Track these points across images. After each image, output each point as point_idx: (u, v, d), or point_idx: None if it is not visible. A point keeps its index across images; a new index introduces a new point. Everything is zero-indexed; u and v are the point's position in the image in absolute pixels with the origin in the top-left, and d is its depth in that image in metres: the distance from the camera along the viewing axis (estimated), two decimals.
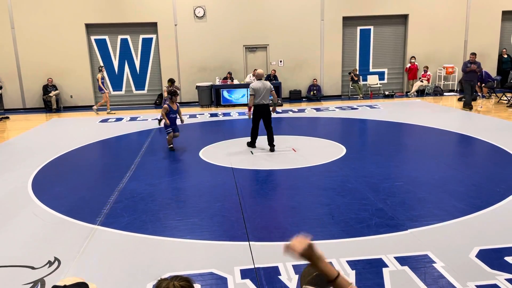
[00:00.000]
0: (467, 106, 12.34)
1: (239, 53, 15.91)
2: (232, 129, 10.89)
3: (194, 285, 1.82)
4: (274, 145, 8.21)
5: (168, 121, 8.57)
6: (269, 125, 8.20)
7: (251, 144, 8.50)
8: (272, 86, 8.21)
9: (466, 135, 9.01)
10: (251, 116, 8.25)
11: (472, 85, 12.52)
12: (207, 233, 4.60)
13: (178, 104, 8.92)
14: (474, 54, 12.69)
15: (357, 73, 16.26)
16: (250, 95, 8.07)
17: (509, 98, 13.39)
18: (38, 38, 14.95)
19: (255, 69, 15.37)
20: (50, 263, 4.01)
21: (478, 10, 16.06)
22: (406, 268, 3.71)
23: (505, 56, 16.52)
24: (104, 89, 14.02)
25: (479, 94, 14.78)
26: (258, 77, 8.21)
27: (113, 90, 16.07)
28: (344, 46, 16.32)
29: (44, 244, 4.46)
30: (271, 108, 8.27)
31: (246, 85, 14.83)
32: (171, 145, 8.58)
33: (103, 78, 14.18)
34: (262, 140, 8.64)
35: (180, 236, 4.53)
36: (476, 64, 12.37)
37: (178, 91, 9.30)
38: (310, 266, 1.80)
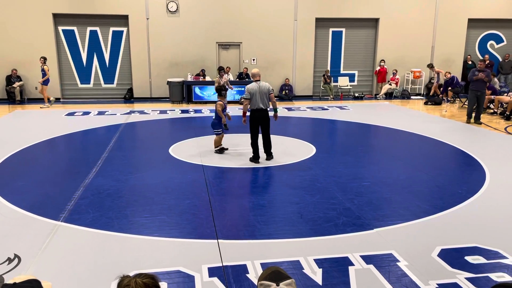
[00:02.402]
0: (469, 119, 11.11)
1: (211, 50, 15.81)
2: (203, 126, 10.78)
3: (160, 283, 1.76)
4: (271, 154, 7.40)
5: (225, 119, 7.78)
6: (267, 132, 7.28)
7: (255, 159, 7.27)
8: (271, 89, 7.15)
9: (431, 137, 9.29)
10: (245, 122, 7.33)
11: (478, 95, 10.94)
12: (176, 230, 4.55)
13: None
14: (482, 61, 11.36)
15: (329, 74, 16.49)
16: (244, 98, 7.15)
17: None
18: (2, 26, 14.34)
19: (227, 67, 15.47)
20: (9, 260, 3.86)
21: (446, 17, 16.59)
22: (371, 266, 3.79)
23: (470, 62, 17.14)
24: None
25: (444, 98, 15.28)
26: (254, 78, 7.16)
27: (81, 83, 15.64)
28: (316, 47, 16.50)
29: (3, 241, 4.28)
30: (272, 115, 7.30)
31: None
32: (219, 147, 7.82)
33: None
34: (237, 138, 8.62)
35: (148, 234, 4.46)
36: (485, 72, 10.90)
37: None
38: (268, 268, 1.83)
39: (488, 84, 12.16)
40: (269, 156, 7.40)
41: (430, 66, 16.19)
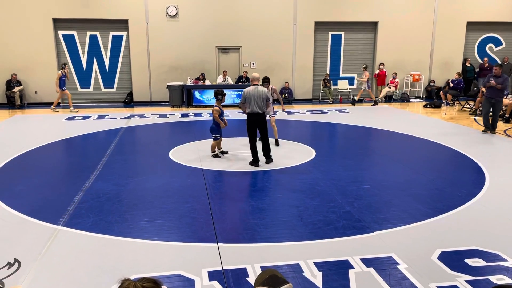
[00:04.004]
0: (487, 128, 10.20)
1: (211, 54, 15.84)
2: (203, 130, 10.79)
3: (162, 287, 1.74)
4: (271, 157, 7.42)
5: (223, 124, 7.68)
6: (265, 136, 7.29)
7: (254, 162, 7.28)
8: (268, 96, 7.15)
9: (430, 140, 9.30)
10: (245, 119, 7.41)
11: (493, 103, 9.95)
12: (175, 234, 4.55)
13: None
14: (499, 65, 10.11)
15: (329, 78, 16.52)
16: (241, 103, 7.27)
17: (471, 106, 13.93)
18: (2, 31, 14.38)
19: (224, 71, 15.50)
20: (9, 265, 3.86)
21: (444, 20, 16.65)
22: (371, 269, 3.79)
23: (469, 65, 17.19)
24: (64, 86, 13.58)
25: (443, 101, 15.30)
26: (253, 82, 7.21)
27: (81, 87, 15.67)
28: (315, 50, 16.54)
29: (3, 245, 4.28)
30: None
31: (218, 86, 14.79)
32: (215, 152, 7.80)
33: (64, 75, 13.61)
34: (236, 142, 8.63)
35: (147, 238, 4.46)
36: (500, 79, 9.80)
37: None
38: (264, 272, 1.81)
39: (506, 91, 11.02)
40: (268, 159, 7.42)
41: (365, 67, 15.64)
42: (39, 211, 5.17)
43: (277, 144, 8.71)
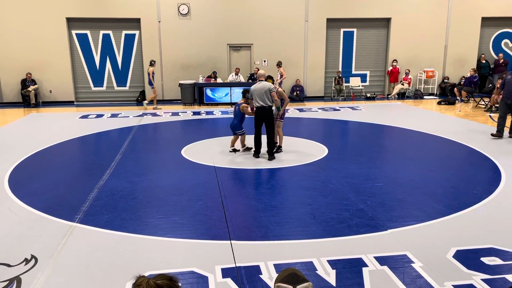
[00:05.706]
0: (498, 132, 9.13)
1: (223, 52, 15.86)
2: (214, 128, 10.84)
3: (178, 284, 1.73)
4: (273, 154, 7.56)
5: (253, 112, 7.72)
6: (269, 131, 7.50)
7: (256, 154, 7.68)
8: (272, 88, 7.37)
9: (445, 138, 9.19)
10: (252, 113, 7.71)
11: (509, 104, 8.96)
12: (189, 231, 4.57)
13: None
14: None
15: (340, 75, 16.43)
16: (249, 98, 7.64)
17: (486, 103, 13.72)
18: (17, 31, 14.59)
19: (236, 68, 15.51)
20: (26, 261, 3.92)
21: (458, 16, 16.41)
22: (385, 267, 3.76)
23: (484, 61, 16.92)
24: (153, 83, 13.81)
25: (458, 98, 15.10)
26: (259, 78, 7.61)
27: (94, 86, 15.83)
28: (327, 47, 16.45)
29: (20, 241, 4.36)
30: (274, 113, 7.57)
31: (230, 84, 14.83)
32: (246, 146, 8.04)
33: (153, 72, 13.81)
34: (248, 139, 8.63)
35: (161, 235, 4.49)
36: None
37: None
38: (285, 270, 1.82)
39: None
40: (271, 156, 7.53)
41: (278, 64, 14.47)
42: (55, 208, 5.24)
43: (278, 150, 8.02)
